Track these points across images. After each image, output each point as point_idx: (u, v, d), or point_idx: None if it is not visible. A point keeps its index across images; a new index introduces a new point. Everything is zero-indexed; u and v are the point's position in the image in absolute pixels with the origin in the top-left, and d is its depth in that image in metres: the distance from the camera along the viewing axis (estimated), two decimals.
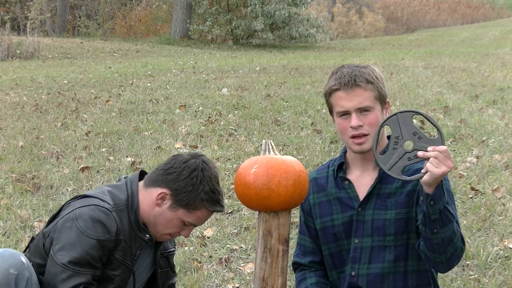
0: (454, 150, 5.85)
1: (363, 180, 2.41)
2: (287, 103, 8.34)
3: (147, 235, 2.44)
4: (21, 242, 4.02)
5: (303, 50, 21.79)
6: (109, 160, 5.92)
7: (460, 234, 2.21)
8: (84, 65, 15.12)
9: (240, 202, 3.09)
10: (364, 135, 2.31)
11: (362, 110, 2.31)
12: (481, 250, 3.74)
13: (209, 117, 7.68)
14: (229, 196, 4.78)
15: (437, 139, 2.09)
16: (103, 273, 2.35)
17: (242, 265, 3.74)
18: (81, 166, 5.64)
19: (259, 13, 23.18)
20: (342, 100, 2.33)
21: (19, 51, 17.84)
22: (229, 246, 3.99)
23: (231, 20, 23.78)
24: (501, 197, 4.57)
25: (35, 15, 25.31)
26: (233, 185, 3.50)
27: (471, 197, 4.64)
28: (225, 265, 3.73)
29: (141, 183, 2.47)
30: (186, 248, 3.93)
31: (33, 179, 5.36)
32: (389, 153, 2.13)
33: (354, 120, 2.31)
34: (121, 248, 2.37)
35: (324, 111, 7.51)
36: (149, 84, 10.57)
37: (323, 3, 36.87)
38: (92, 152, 6.23)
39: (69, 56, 18.64)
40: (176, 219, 2.40)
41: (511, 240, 3.87)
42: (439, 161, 2.03)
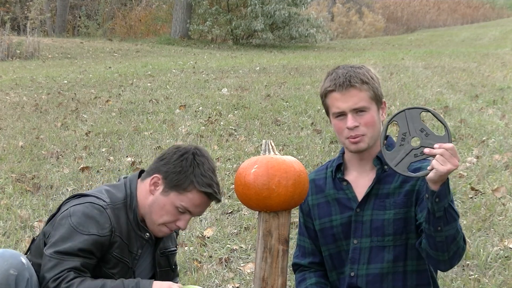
0: None
1: (361, 181, 2.42)
2: (287, 103, 8.34)
3: (147, 233, 2.44)
4: (21, 242, 4.02)
5: (303, 50, 21.78)
6: (109, 160, 5.92)
7: (462, 233, 2.21)
8: (84, 65, 15.12)
9: (240, 202, 3.09)
10: (361, 135, 2.32)
11: (357, 111, 2.31)
12: (481, 250, 3.74)
13: (209, 117, 7.68)
14: (229, 196, 4.78)
15: (444, 136, 2.08)
16: (101, 271, 2.35)
17: (242, 265, 3.74)
18: (81, 166, 5.64)
19: (259, 13, 23.18)
20: (338, 101, 2.33)
21: (19, 51, 17.84)
22: (229, 246, 3.99)
23: (231, 20, 23.78)
24: (501, 197, 4.57)
25: (35, 15, 25.31)
26: (233, 185, 3.50)
27: (471, 197, 4.64)
28: (225, 265, 3.73)
29: (139, 180, 2.49)
30: (186, 248, 3.93)
31: (33, 179, 5.36)
32: (396, 149, 2.12)
33: (350, 121, 2.31)
34: (117, 245, 2.37)
35: (324, 111, 7.49)
36: (149, 84, 10.57)
37: (323, 3, 36.86)
38: (92, 152, 6.23)
39: (69, 56, 18.64)
40: (169, 204, 2.39)
41: (511, 240, 3.86)
42: (445, 158, 2.02)
